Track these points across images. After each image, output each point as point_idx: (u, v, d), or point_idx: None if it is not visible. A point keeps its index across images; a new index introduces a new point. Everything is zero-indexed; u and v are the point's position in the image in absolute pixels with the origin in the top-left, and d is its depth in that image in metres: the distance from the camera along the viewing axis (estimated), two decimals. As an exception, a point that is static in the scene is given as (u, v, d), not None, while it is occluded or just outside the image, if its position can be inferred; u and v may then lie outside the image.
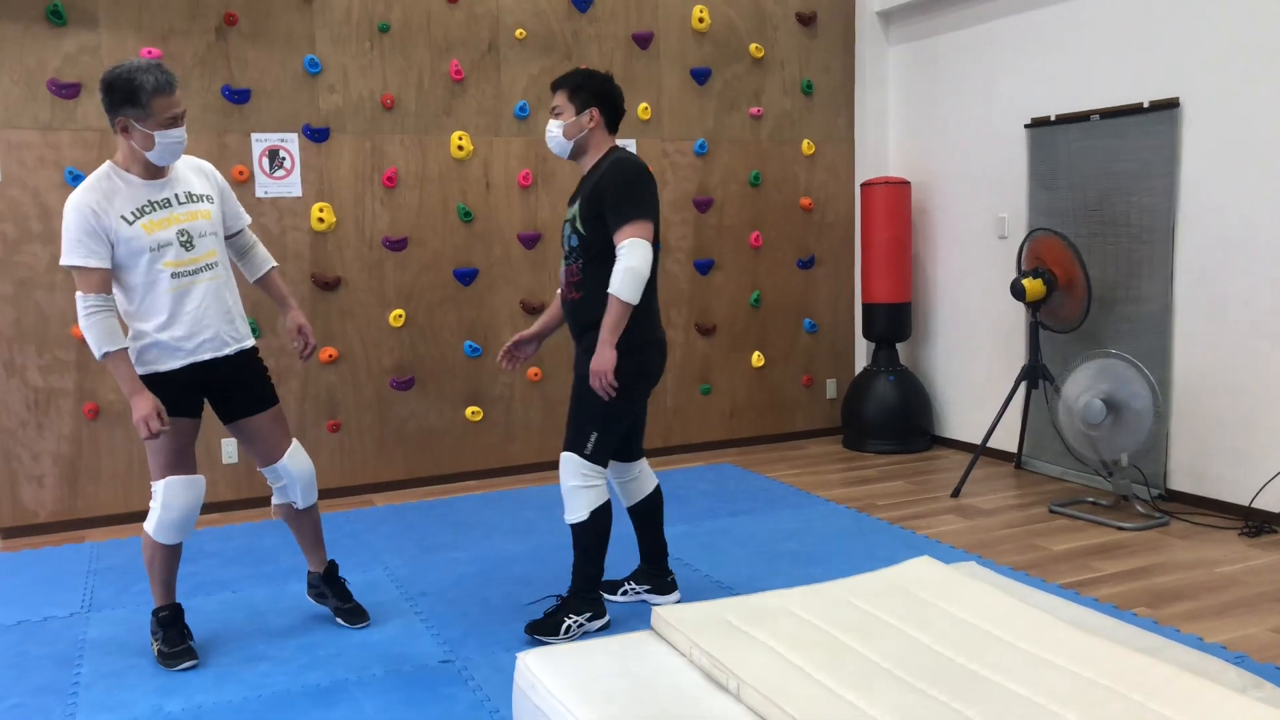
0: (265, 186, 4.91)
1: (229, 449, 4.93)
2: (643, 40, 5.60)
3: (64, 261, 2.87)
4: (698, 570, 3.89)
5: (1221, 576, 3.69)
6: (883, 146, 6.21)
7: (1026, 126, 5.21)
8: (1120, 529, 4.26)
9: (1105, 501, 4.58)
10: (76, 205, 2.86)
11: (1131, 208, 4.71)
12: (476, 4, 5.24)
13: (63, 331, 4.63)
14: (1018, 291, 4.79)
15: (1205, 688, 2.04)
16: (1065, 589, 3.59)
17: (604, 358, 3.06)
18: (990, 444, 5.49)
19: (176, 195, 3.02)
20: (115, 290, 2.97)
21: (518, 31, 5.31)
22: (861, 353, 6.32)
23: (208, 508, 4.91)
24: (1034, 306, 4.86)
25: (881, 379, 5.84)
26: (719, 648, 2.29)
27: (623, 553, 4.06)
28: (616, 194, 3.07)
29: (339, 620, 3.43)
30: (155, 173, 2.99)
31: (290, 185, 4.97)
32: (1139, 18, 4.64)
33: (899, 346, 6.12)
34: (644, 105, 5.64)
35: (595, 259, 3.15)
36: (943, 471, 5.35)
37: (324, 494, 5.12)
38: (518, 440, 5.50)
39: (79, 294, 2.86)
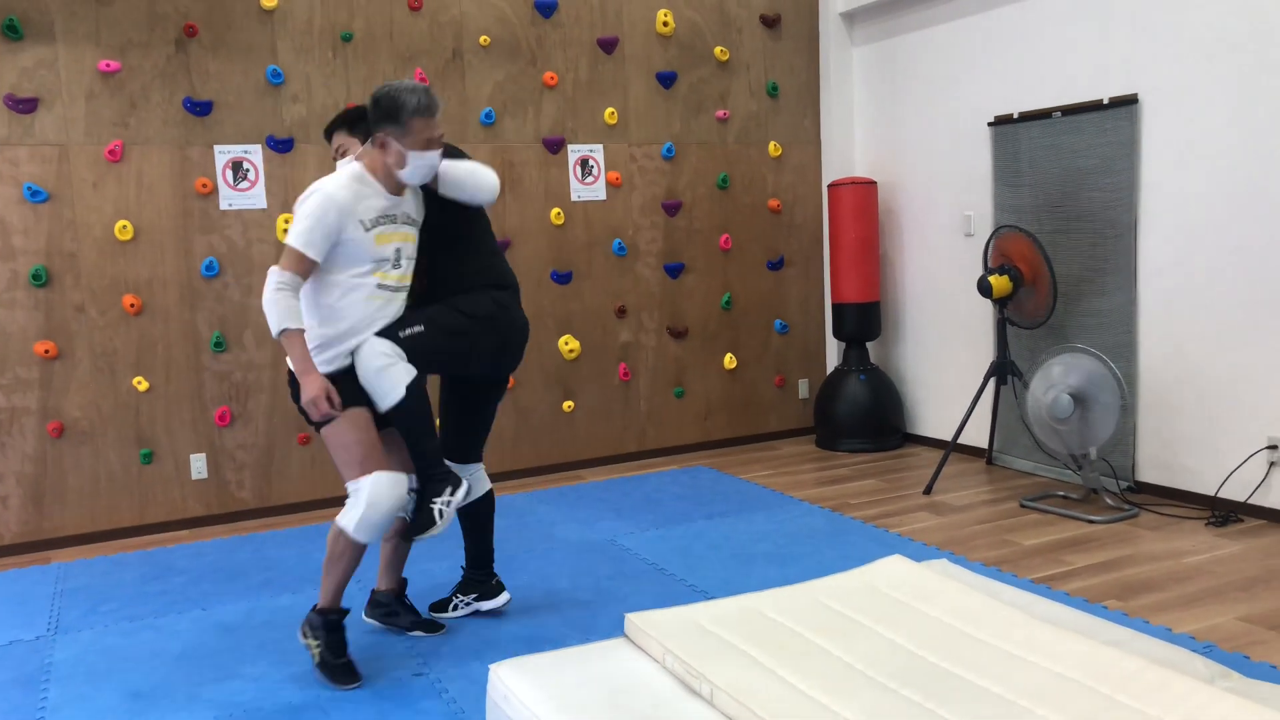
0: (229, 199, 4.87)
1: (198, 465, 4.88)
2: (607, 45, 5.60)
3: (290, 240, 2.90)
4: (672, 575, 3.89)
5: (1189, 567, 3.73)
6: (849, 147, 6.24)
7: (990, 125, 5.26)
8: (1090, 522, 4.30)
9: (1075, 495, 4.62)
10: (328, 198, 2.91)
11: (1094, 203, 4.76)
12: (440, 12, 5.22)
13: (24, 349, 4.56)
14: (985, 289, 4.82)
15: (1173, 679, 2.06)
16: (1037, 584, 3.61)
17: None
18: (961, 440, 5.53)
19: (404, 214, 3.10)
20: (311, 281, 2.98)
21: (482, 38, 5.30)
22: (832, 352, 6.35)
23: (177, 524, 4.86)
24: (1001, 303, 4.90)
25: (853, 378, 5.86)
26: (692, 653, 2.28)
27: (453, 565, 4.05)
28: None
29: (415, 633, 3.41)
30: (397, 189, 3.06)
31: (255, 197, 4.93)
32: (1098, 16, 4.69)
33: (869, 345, 6.15)
34: (610, 110, 5.64)
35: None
36: (915, 469, 5.38)
37: (295, 508, 5.08)
38: (490, 448, 5.48)
39: (277, 269, 2.88)
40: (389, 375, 3.00)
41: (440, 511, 3.09)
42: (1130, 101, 4.55)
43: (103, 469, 4.73)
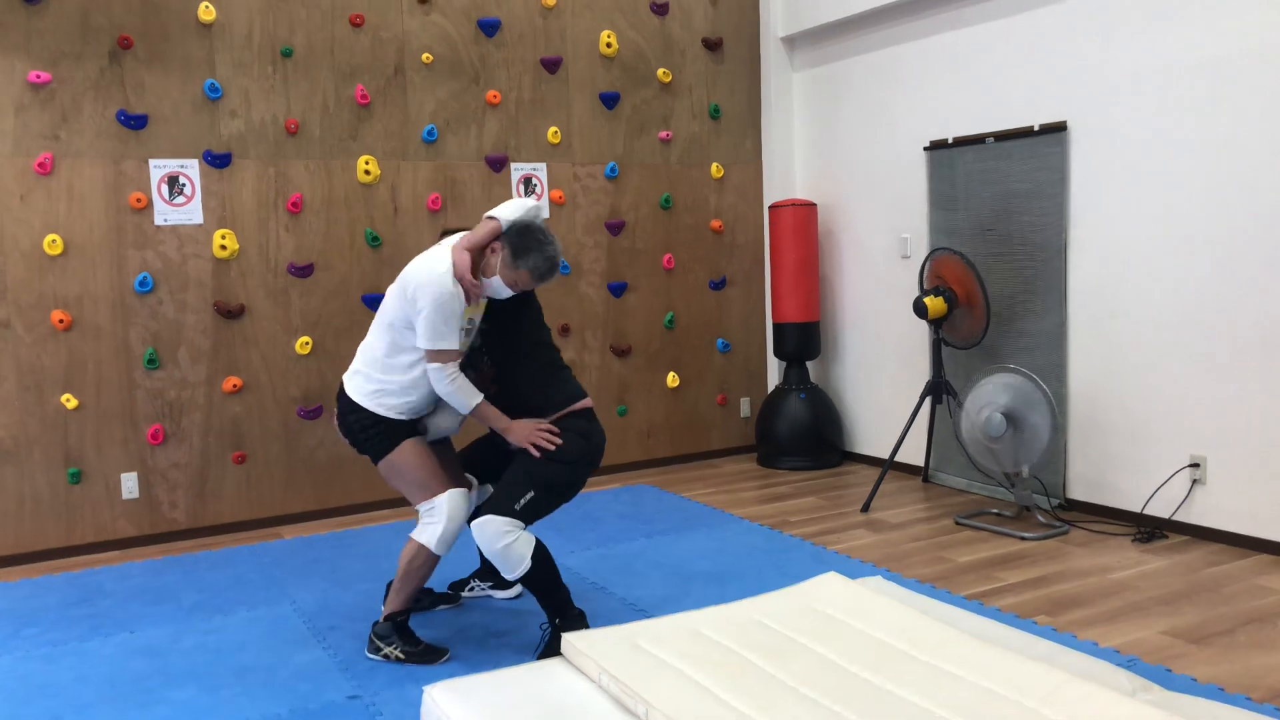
0: (165, 214, 4.79)
1: (129, 484, 4.77)
2: (551, 65, 5.63)
3: (434, 343, 3.16)
4: (612, 594, 3.89)
5: (1115, 583, 3.82)
6: (789, 169, 6.33)
7: (925, 149, 5.37)
8: (1022, 539, 4.39)
9: (1008, 512, 4.71)
10: (455, 298, 3.14)
11: (1026, 227, 4.88)
12: (382, 29, 5.20)
13: (-53, 366, 4.43)
14: (920, 309, 4.91)
15: (1096, 692, 2.11)
16: (970, 600, 3.68)
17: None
18: (898, 458, 5.61)
19: (473, 322, 3.37)
20: (399, 348, 3.25)
21: (424, 56, 5.29)
22: (774, 371, 6.41)
23: (107, 545, 4.74)
24: (936, 324, 4.99)
25: (793, 397, 5.93)
26: (628, 673, 2.29)
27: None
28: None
29: (439, 607, 3.78)
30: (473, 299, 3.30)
31: (191, 212, 4.85)
32: (1030, 45, 4.83)
33: (809, 365, 6.22)
34: (554, 129, 5.65)
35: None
36: (853, 487, 5.45)
37: (230, 528, 4.99)
38: (431, 467, 5.43)
39: (440, 366, 3.17)
40: (515, 550, 3.15)
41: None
42: (1059, 129, 4.68)
43: (28, 489, 4.60)
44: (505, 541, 3.13)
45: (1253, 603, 3.55)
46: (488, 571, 3.86)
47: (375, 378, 3.28)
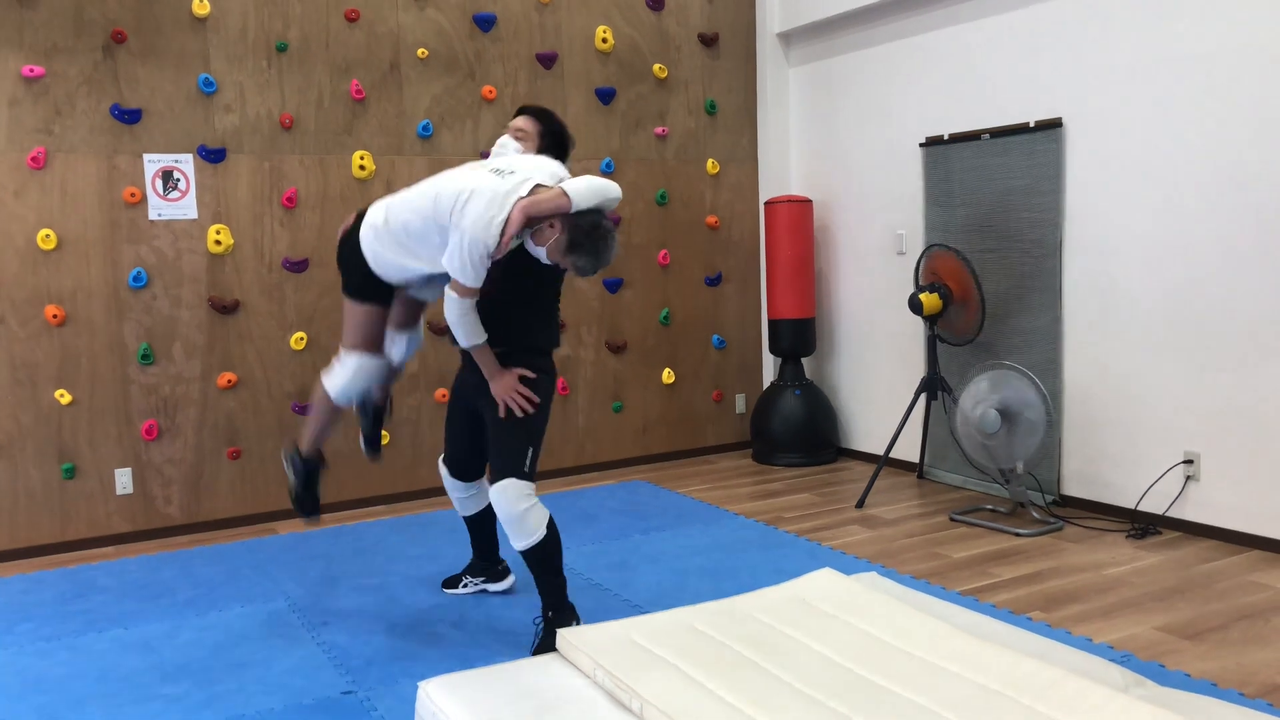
0: (159, 209, 4.78)
1: (123, 480, 4.76)
2: (546, 60, 5.62)
3: (461, 276, 3.13)
4: (607, 590, 3.89)
5: (1109, 578, 3.83)
6: (785, 165, 6.33)
7: (921, 145, 5.37)
8: (1017, 535, 4.40)
9: (1003, 509, 4.72)
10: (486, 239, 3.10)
11: (1021, 223, 4.89)
12: (377, 23, 5.19)
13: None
14: (915, 306, 4.92)
15: (1090, 688, 2.12)
16: (964, 596, 3.68)
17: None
18: (893, 455, 5.62)
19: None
20: (426, 242, 3.23)
21: (420, 51, 5.28)
22: (769, 368, 6.42)
23: (101, 540, 4.73)
24: (931, 320, 5.00)
25: (788, 393, 5.93)
26: (622, 668, 2.29)
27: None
28: None
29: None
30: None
31: (185, 207, 4.84)
32: (1025, 42, 4.83)
33: (804, 361, 6.23)
34: (549, 125, 5.64)
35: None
36: (848, 483, 5.45)
37: (224, 523, 4.98)
38: (425, 464, 5.43)
39: (460, 297, 3.14)
40: (533, 516, 3.19)
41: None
42: (1055, 125, 4.68)
43: (21, 484, 4.59)
44: (526, 505, 3.16)
45: (1246, 599, 3.56)
46: (480, 567, 3.86)
47: (389, 242, 3.28)
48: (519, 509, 3.16)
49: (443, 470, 3.70)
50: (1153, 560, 4.01)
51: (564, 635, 2.50)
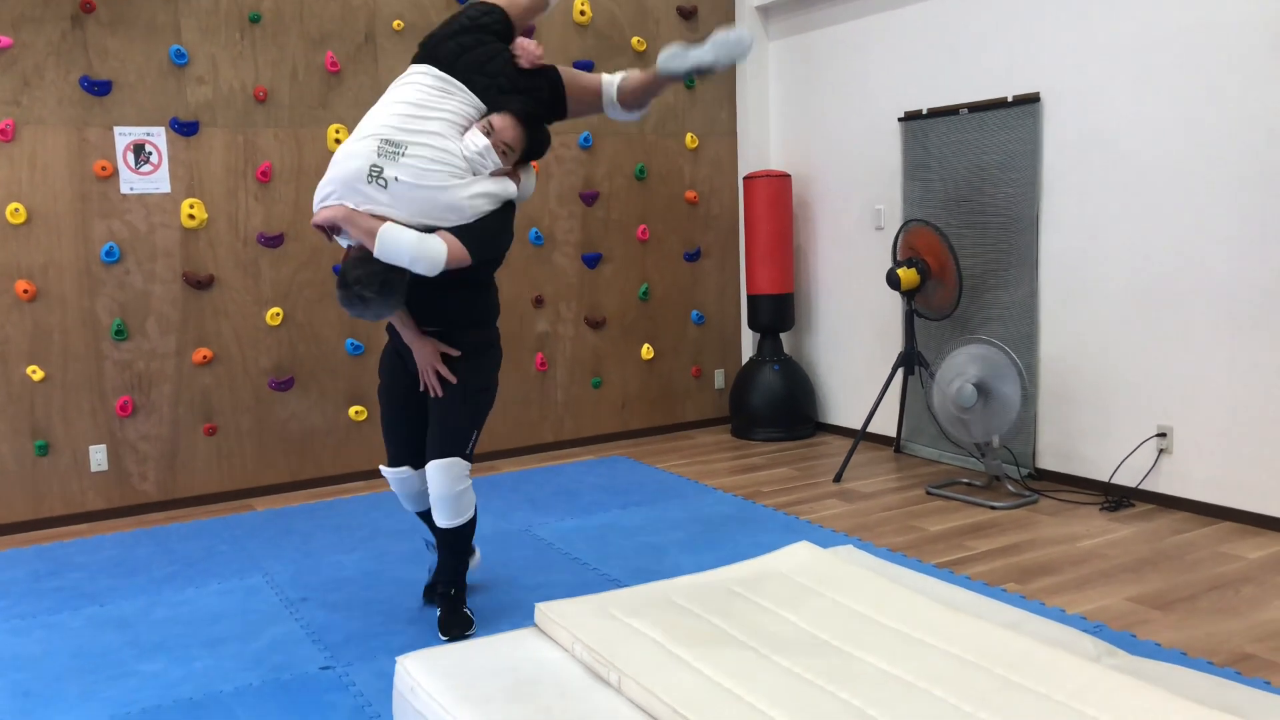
0: (131, 182, 4.71)
1: (98, 456, 4.72)
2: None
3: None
4: (586, 564, 3.90)
5: (1083, 551, 3.87)
6: (764, 140, 6.31)
7: (900, 120, 5.37)
8: (992, 508, 4.43)
9: (979, 482, 4.76)
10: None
11: (998, 198, 4.90)
12: (351, -6, 5.12)
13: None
14: (893, 281, 4.93)
15: (1061, 658, 2.14)
16: (940, 568, 3.72)
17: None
18: (870, 429, 5.65)
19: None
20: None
21: (395, 23, 5.21)
22: (748, 343, 6.42)
23: (75, 518, 4.70)
24: (909, 295, 5.01)
25: (767, 369, 5.94)
26: (600, 641, 2.29)
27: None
28: None
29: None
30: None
31: (158, 181, 4.77)
32: (1004, 16, 4.82)
33: (783, 336, 6.23)
34: (527, 98, 5.59)
35: None
36: (826, 457, 5.48)
37: (201, 500, 4.95)
38: (404, 439, 5.41)
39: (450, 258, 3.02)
40: (467, 496, 3.19)
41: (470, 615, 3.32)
42: (1033, 100, 4.69)
43: (-6, 462, 4.55)
44: (464, 485, 3.18)
45: (1216, 569, 3.62)
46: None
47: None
48: (457, 489, 3.15)
49: (392, 474, 3.37)
50: (1126, 532, 4.06)
51: (542, 609, 2.50)
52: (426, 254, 2.93)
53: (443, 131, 3.04)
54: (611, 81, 3.44)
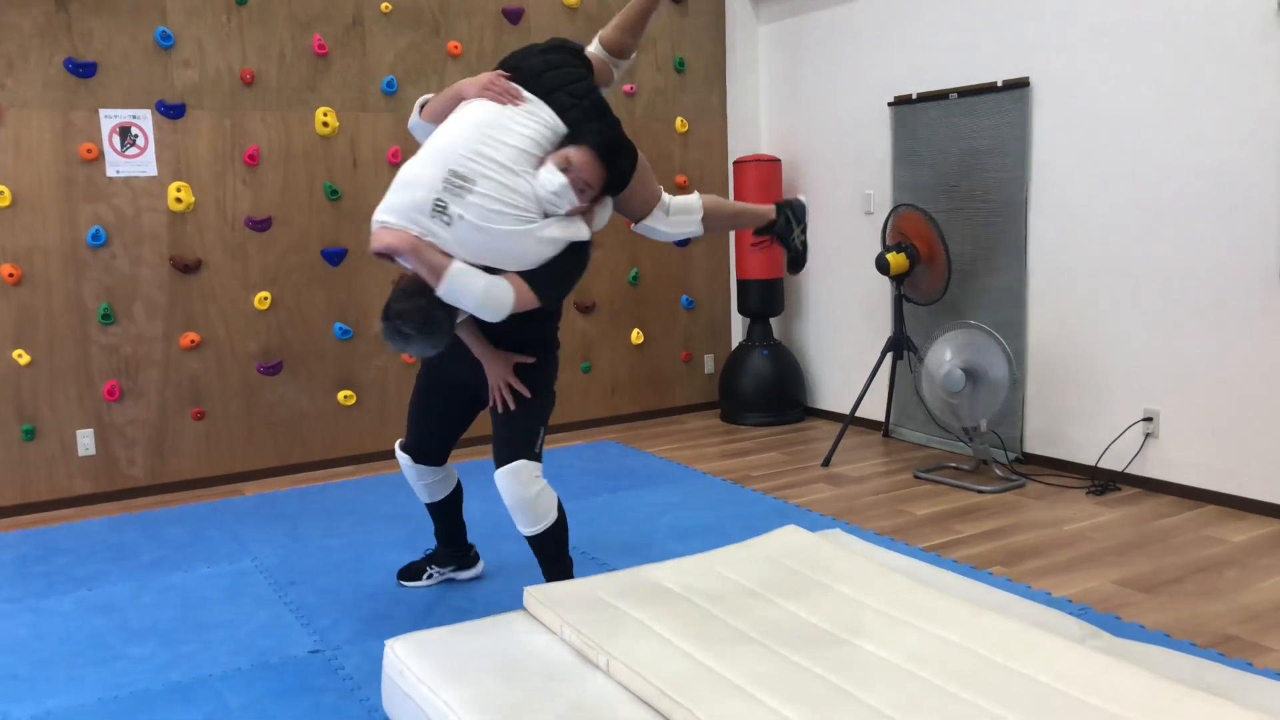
0: (117, 165, 4.68)
1: (85, 441, 4.70)
2: (513, 15, 5.53)
3: None
4: (575, 548, 3.89)
5: (1069, 534, 3.90)
6: (754, 124, 6.29)
7: (890, 104, 5.36)
8: (980, 492, 4.46)
9: (966, 466, 4.78)
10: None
11: (988, 183, 4.90)
12: (339, -25, 5.08)
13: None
14: (882, 266, 4.93)
15: (1046, 640, 2.16)
16: (927, 551, 3.73)
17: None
18: (859, 414, 5.66)
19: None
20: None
21: (383, 5, 5.17)
22: (737, 328, 6.43)
23: (63, 503, 4.68)
24: (898, 280, 5.02)
25: (756, 353, 5.95)
26: (589, 624, 2.30)
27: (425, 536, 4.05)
28: None
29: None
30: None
31: (144, 164, 4.74)
32: (993, 0, 4.81)
33: (772, 321, 6.24)
34: (516, 82, 5.56)
35: None
36: (815, 442, 5.50)
37: (190, 484, 4.94)
38: (392, 423, 5.41)
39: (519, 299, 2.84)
40: (545, 499, 2.99)
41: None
42: (1022, 84, 4.68)
43: (-20, 447, 4.53)
44: (538, 488, 2.96)
45: (1201, 552, 3.64)
46: (447, 555, 3.58)
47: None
48: (531, 492, 2.94)
49: (404, 458, 3.35)
50: (1112, 516, 4.08)
51: (531, 593, 2.51)
52: (493, 302, 2.69)
53: (513, 164, 2.71)
54: (668, 201, 3.14)
